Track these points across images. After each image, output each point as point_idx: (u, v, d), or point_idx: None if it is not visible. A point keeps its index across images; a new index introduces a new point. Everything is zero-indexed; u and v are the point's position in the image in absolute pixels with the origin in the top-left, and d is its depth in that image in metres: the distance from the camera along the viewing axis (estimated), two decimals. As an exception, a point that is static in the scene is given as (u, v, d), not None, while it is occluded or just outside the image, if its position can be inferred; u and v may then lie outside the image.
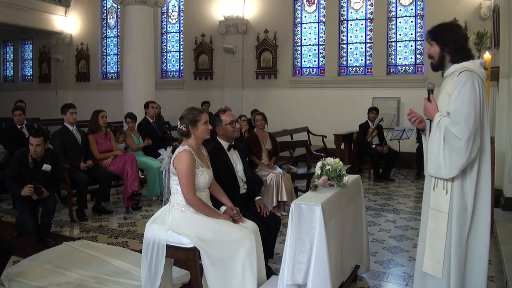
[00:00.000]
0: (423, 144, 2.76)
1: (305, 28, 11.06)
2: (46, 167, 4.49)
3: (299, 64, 11.16)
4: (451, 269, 2.47)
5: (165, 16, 12.74)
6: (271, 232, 3.49)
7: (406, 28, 10.04)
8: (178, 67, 12.70)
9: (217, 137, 3.68)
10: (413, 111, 2.69)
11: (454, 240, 2.47)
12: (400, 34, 10.09)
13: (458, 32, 2.60)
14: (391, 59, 10.16)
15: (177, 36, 12.67)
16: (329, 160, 3.11)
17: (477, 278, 2.51)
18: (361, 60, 10.50)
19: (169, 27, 12.76)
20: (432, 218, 2.56)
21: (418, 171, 8.29)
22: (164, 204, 3.45)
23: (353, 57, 10.57)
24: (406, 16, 10.04)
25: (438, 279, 2.52)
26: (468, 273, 2.51)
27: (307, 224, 2.68)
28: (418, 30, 9.87)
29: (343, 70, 10.66)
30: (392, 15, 10.10)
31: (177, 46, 12.69)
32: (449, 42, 2.56)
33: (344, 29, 10.59)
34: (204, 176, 3.17)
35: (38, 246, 4.35)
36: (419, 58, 9.87)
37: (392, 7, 10.08)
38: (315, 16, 10.95)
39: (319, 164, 3.11)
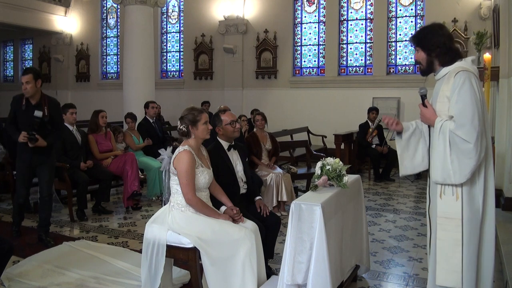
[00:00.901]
0: (397, 146, 2.75)
1: (305, 28, 11.07)
2: (37, 113, 4.23)
3: (299, 64, 11.17)
4: (463, 277, 2.40)
5: (165, 16, 12.75)
6: (271, 232, 3.48)
7: (406, 28, 10.04)
8: (178, 67, 12.71)
9: (217, 137, 3.68)
10: (385, 117, 2.69)
11: (466, 246, 2.41)
12: (400, 34, 10.09)
13: (442, 34, 2.51)
14: (391, 59, 10.17)
15: (177, 36, 12.67)
16: (329, 160, 3.10)
17: (485, 280, 2.48)
18: (361, 60, 10.50)
19: (169, 27, 12.77)
20: (442, 227, 2.45)
21: (418, 171, 8.28)
22: (164, 204, 3.45)
23: (353, 57, 10.57)
24: (406, 16, 10.04)
25: None
26: (481, 277, 2.48)
27: (307, 224, 2.68)
28: (418, 30, 9.87)
29: (343, 70, 10.67)
30: (392, 15, 10.11)
31: (177, 46, 12.69)
32: (435, 46, 2.48)
33: (344, 29, 10.60)
34: (204, 176, 3.17)
35: (38, 246, 4.35)
36: (419, 58, 9.86)
37: (392, 7, 10.09)
38: (315, 16, 10.95)
39: (319, 164, 3.11)
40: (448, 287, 2.44)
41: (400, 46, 10.10)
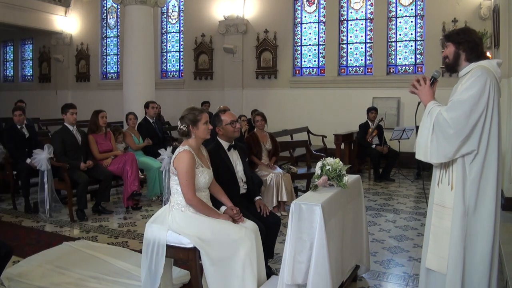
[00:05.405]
0: None
1: (305, 28, 11.06)
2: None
3: (299, 64, 11.16)
4: (448, 265, 2.48)
5: (165, 16, 12.74)
6: (271, 232, 3.49)
7: (406, 28, 10.04)
8: (178, 67, 12.70)
9: (217, 137, 3.68)
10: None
11: (453, 236, 2.48)
12: (400, 34, 10.08)
13: (473, 32, 2.65)
14: (391, 59, 10.16)
15: (177, 36, 12.67)
16: (329, 160, 3.10)
17: (478, 276, 2.50)
18: (361, 60, 10.50)
19: (169, 27, 12.76)
20: (436, 214, 2.58)
21: (418, 171, 8.30)
22: (164, 204, 3.45)
23: (353, 57, 10.57)
24: (406, 16, 10.03)
25: (440, 275, 2.53)
26: (469, 270, 2.50)
27: (307, 224, 2.68)
28: (418, 30, 9.87)
29: (343, 70, 10.66)
30: (392, 15, 10.10)
31: (177, 46, 12.69)
32: (464, 40, 2.58)
33: (344, 29, 10.59)
34: (204, 176, 3.17)
35: (38, 246, 4.35)
36: (419, 58, 9.87)
37: (392, 7, 10.08)
38: (315, 16, 10.95)
39: (319, 164, 3.11)
40: (435, 270, 2.57)
41: (400, 46, 10.09)
